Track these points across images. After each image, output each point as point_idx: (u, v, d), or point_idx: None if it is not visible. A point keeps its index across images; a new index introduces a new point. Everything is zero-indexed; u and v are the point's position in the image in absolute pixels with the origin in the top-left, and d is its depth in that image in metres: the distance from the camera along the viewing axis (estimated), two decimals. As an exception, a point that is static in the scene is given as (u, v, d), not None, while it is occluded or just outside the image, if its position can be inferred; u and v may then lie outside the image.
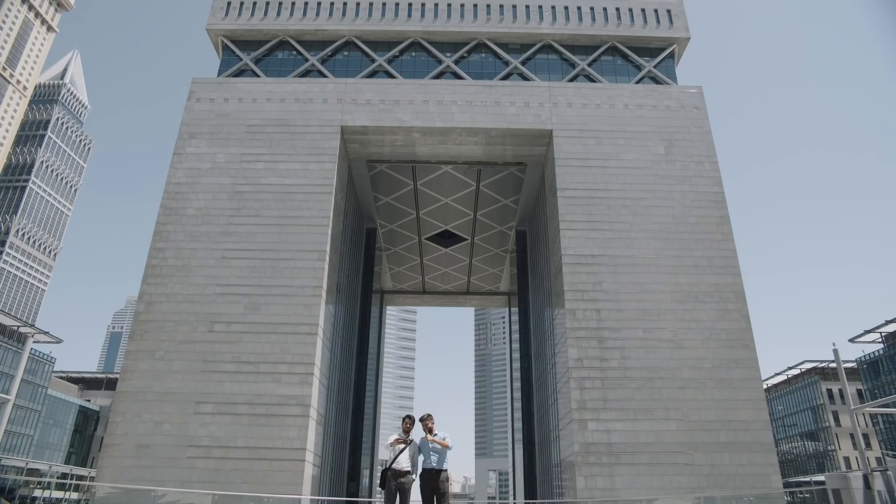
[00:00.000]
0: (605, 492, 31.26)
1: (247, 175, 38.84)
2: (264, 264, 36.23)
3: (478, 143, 42.31)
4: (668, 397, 33.58)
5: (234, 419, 32.44)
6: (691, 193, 39.03)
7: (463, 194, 50.38)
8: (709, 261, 37.10)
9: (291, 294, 35.48)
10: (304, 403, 32.98)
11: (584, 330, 35.17)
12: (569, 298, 35.94)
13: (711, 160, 40.22)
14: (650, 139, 40.70)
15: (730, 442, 32.63)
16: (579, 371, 34.22)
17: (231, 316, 34.87)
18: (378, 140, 42.28)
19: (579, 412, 33.29)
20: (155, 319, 34.86)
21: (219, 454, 31.62)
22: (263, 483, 30.34)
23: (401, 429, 10.79)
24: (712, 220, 38.34)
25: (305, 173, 38.90)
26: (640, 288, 36.22)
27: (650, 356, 34.53)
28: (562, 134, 40.76)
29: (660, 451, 32.37)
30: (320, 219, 37.65)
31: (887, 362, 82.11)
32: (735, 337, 35.19)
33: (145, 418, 32.38)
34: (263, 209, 37.81)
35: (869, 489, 12.15)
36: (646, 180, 39.30)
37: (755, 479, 31.53)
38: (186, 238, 36.96)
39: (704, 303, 35.96)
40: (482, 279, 67.61)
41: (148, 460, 31.29)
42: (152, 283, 35.80)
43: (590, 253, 37.17)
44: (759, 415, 33.71)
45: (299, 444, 32.06)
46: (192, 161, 39.33)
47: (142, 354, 34.06)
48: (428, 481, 10.29)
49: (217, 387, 33.14)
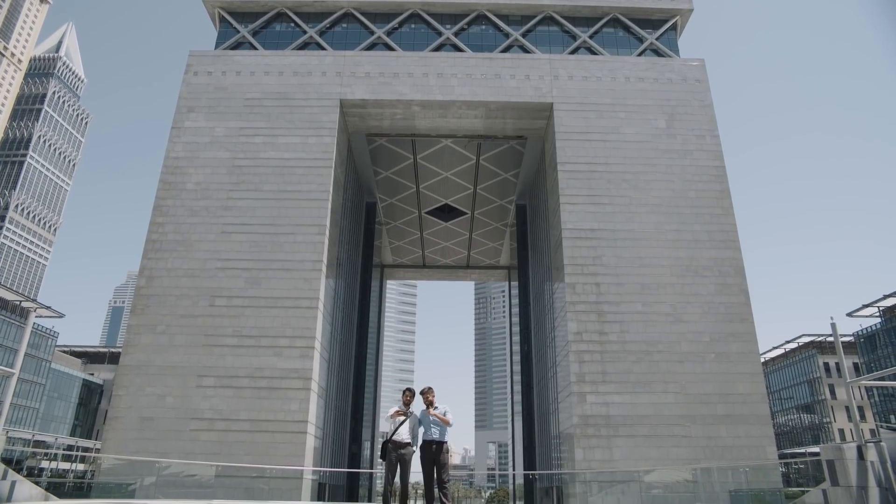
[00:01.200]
0: (604, 463, 31.70)
1: (245, 149, 38.65)
2: (264, 238, 36.24)
3: (478, 116, 42.02)
4: (667, 370, 33.86)
5: (235, 392, 32.77)
6: (692, 167, 38.87)
7: (463, 168, 50.18)
8: (709, 235, 37.11)
9: (291, 268, 35.56)
10: (305, 377, 33.29)
11: (584, 304, 35.33)
12: (568, 272, 36.03)
13: (713, 134, 39.98)
14: (651, 112, 40.41)
15: (727, 414, 32.99)
16: (578, 344, 34.45)
17: (232, 290, 35.01)
18: (377, 113, 41.97)
19: (578, 385, 33.59)
20: (156, 294, 35.00)
21: (221, 427, 32.00)
22: (266, 455, 30.74)
23: (401, 401, 10.90)
24: (713, 195, 38.24)
25: (304, 147, 38.71)
26: (640, 262, 36.29)
27: (649, 330, 34.74)
28: (562, 107, 40.45)
29: (658, 423, 32.74)
30: (320, 193, 37.56)
31: (884, 336, 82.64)
32: (734, 311, 35.36)
33: (148, 392, 32.71)
34: (263, 183, 37.70)
35: (862, 460, 12.30)
36: (646, 154, 39.12)
37: (751, 451, 31.96)
38: (186, 213, 36.93)
39: (704, 277, 36.05)
40: (482, 253, 67.68)
41: (151, 433, 31.68)
42: (153, 258, 35.87)
43: (590, 227, 37.15)
44: (757, 388, 34.03)
45: (301, 416, 32.42)
46: (191, 135, 39.11)
47: (143, 329, 34.28)
48: (428, 453, 10.43)
49: (219, 360, 33.41)
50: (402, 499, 10.94)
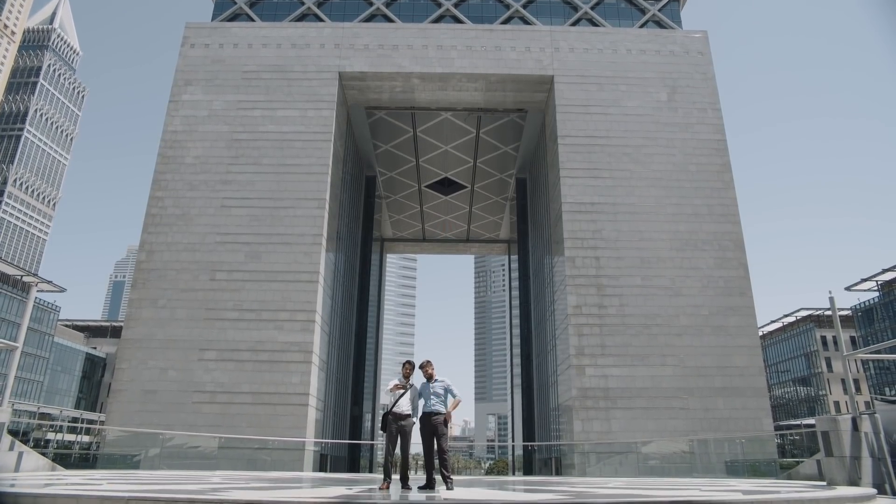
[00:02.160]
0: (602, 434, 32.13)
1: (244, 122, 38.42)
2: (264, 212, 36.22)
3: (478, 89, 41.66)
4: (665, 343, 34.13)
5: (237, 365, 33.06)
6: (693, 141, 38.68)
7: (463, 141, 49.93)
8: (709, 209, 37.08)
9: (291, 242, 35.61)
10: (306, 350, 33.55)
11: (583, 277, 35.45)
12: (568, 246, 36.08)
13: (714, 107, 39.69)
14: (653, 85, 40.07)
15: (724, 387, 33.33)
16: (578, 318, 34.66)
17: (232, 264, 35.09)
18: (377, 86, 41.60)
19: (577, 358, 33.89)
20: (156, 268, 35.10)
21: (223, 399, 32.36)
22: (268, 426, 31.13)
23: (401, 374, 11.01)
24: (713, 168, 38.12)
25: (303, 120, 38.47)
26: (640, 236, 36.33)
27: (648, 303, 34.92)
28: (563, 80, 40.09)
29: (656, 395, 33.10)
30: (319, 166, 37.43)
31: (881, 310, 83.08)
32: (733, 285, 35.50)
33: (151, 365, 33.01)
34: (262, 157, 37.55)
35: (857, 431, 12.47)
36: (647, 127, 38.89)
37: (748, 423, 32.37)
38: (185, 187, 36.84)
39: (703, 251, 36.12)
40: (482, 227, 67.66)
41: (155, 405, 32.03)
42: (153, 233, 35.89)
43: (590, 201, 37.10)
44: (754, 361, 34.34)
45: (302, 389, 32.76)
46: (189, 109, 38.83)
47: (145, 303, 34.45)
48: (428, 425, 10.56)
49: (220, 334, 33.64)
50: (402, 469, 11.12)
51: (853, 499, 9.43)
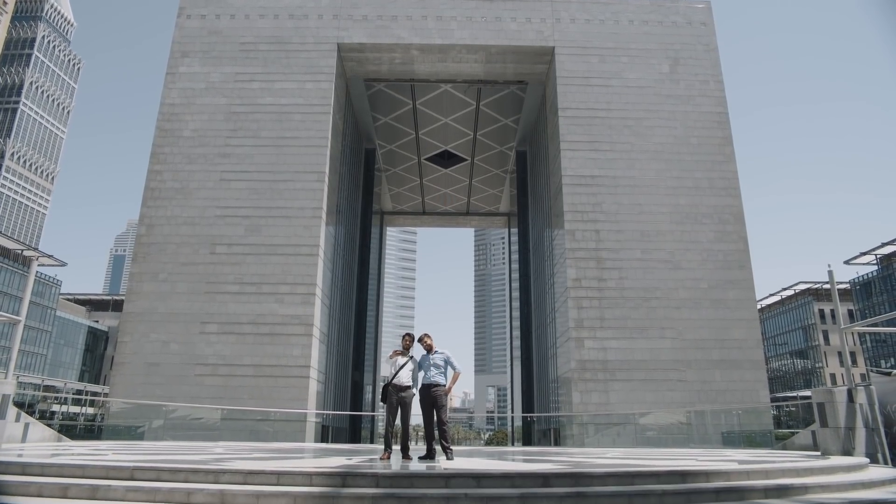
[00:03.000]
0: (600, 406, 32.50)
1: (242, 95, 38.09)
2: (263, 186, 36.12)
3: (478, 60, 41.20)
4: (664, 316, 34.32)
5: (238, 338, 33.29)
6: (694, 113, 38.39)
7: (462, 114, 49.55)
8: (709, 182, 36.97)
9: (291, 215, 35.58)
10: (307, 322, 33.75)
11: (583, 250, 35.50)
12: (568, 219, 36.06)
13: (717, 79, 39.31)
14: (655, 57, 39.62)
15: (722, 359, 33.61)
16: (577, 291, 34.80)
17: (232, 238, 35.12)
18: (375, 58, 41.14)
19: (577, 330, 34.11)
20: (156, 242, 35.13)
21: (225, 371, 32.66)
22: (270, 398, 31.47)
23: (401, 346, 11.12)
24: (715, 141, 37.90)
25: (302, 93, 38.13)
26: (640, 209, 36.28)
27: (648, 276, 35.02)
28: (564, 51, 39.63)
29: (654, 367, 33.39)
30: (318, 139, 37.21)
31: (880, 283, 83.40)
32: (732, 258, 35.57)
33: (153, 338, 33.24)
34: (260, 130, 37.31)
35: (851, 402, 12.64)
36: (648, 100, 38.56)
37: (744, 395, 32.71)
38: (184, 160, 36.68)
39: (703, 224, 36.11)
40: (482, 200, 67.48)
41: (157, 378, 32.34)
42: (152, 206, 35.84)
43: (590, 174, 36.98)
44: (752, 334, 34.56)
45: (303, 361, 33.04)
46: (186, 81, 38.46)
47: (145, 276, 34.55)
48: (427, 396, 10.68)
49: (221, 307, 33.81)
50: (402, 440, 11.28)
51: (846, 468, 9.60)
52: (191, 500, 6.62)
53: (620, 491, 7.11)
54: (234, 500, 6.57)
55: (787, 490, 7.63)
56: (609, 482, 7.40)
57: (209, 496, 6.64)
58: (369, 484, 6.99)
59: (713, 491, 7.33)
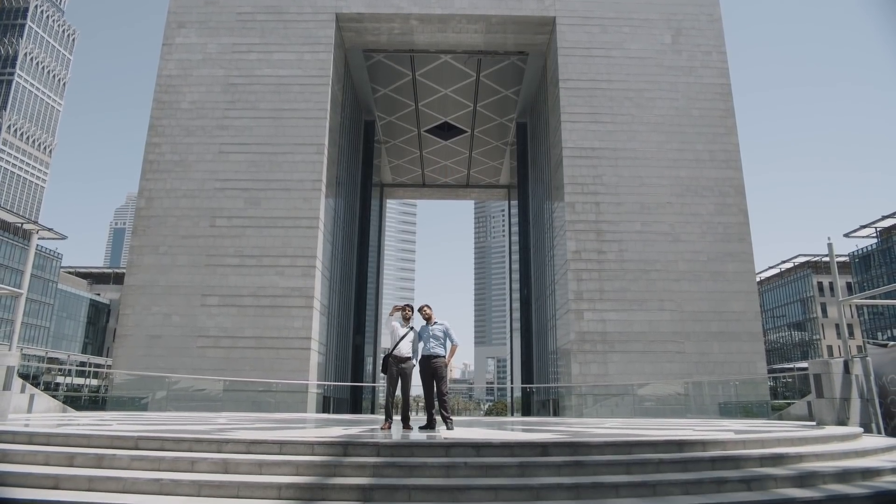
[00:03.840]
0: (599, 377, 32.81)
1: (240, 66, 37.67)
2: (262, 158, 35.95)
3: (478, 31, 40.65)
4: (663, 289, 34.44)
5: (239, 311, 33.47)
6: (696, 85, 38.00)
7: (462, 85, 49.08)
8: (710, 154, 36.77)
9: (291, 188, 35.48)
10: (308, 295, 33.90)
11: (583, 223, 35.47)
12: (568, 192, 35.96)
13: (720, 50, 38.82)
14: (657, 27, 39.07)
15: (720, 331, 33.82)
16: (577, 263, 34.86)
17: (231, 210, 35.07)
18: (374, 28, 40.58)
19: (576, 303, 34.26)
20: (156, 215, 35.09)
21: (227, 343, 32.90)
22: (271, 370, 31.76)
23: (400, 317, 11.17)
24: (717, 113, 37.60)
25: (300, 64, 37.71)
26: (640, 181, 36.15)
27: (647, 249, 35.06)
28: (565, 21, 39.07)
29: (653, 339, 33.62)
30: (317, 111, 36.91)
31: (879, 256, 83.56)
32: (732, 231, 35.55)
33: (154, 311, 33.41)
34: (259, 102, 36.99)
35: (848, 374, 12.76)
36: (650, 71, 38.14)
37: (742, 366, 32.99)
38: (182, 133, 36.44)
39: (704, 196, 36.02)
40: (482, 172, 67.21)
41: (160, 350, 32.60)
42: (151, 179, 35.71)
43: (590, 146, 36.76)
44: (751, 306, 34.72)
45: (304, 333, 33.26)
46: (183, 52, 38.00)
47: (146, 250, 34.60)
48: (427, 367, 10.77)
49: (222, 280, 33.92)
50: (403, 410, 11.42)
51: (841, 437, 9.74)
52: (195, 468, 6.73)
53: (618, 460, 7.23)
54: (238, 469, 6.68)
55: (781, 459, 7.75)
56: (607, 451, 7.51)
57: (213, 465, 6.75)
58: (370, 453, 7.10)
59: (709, 460, 7.45)
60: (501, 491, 6.21)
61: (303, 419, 18.40)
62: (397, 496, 6.08)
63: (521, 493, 6.21)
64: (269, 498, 5.99)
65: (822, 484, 7.05)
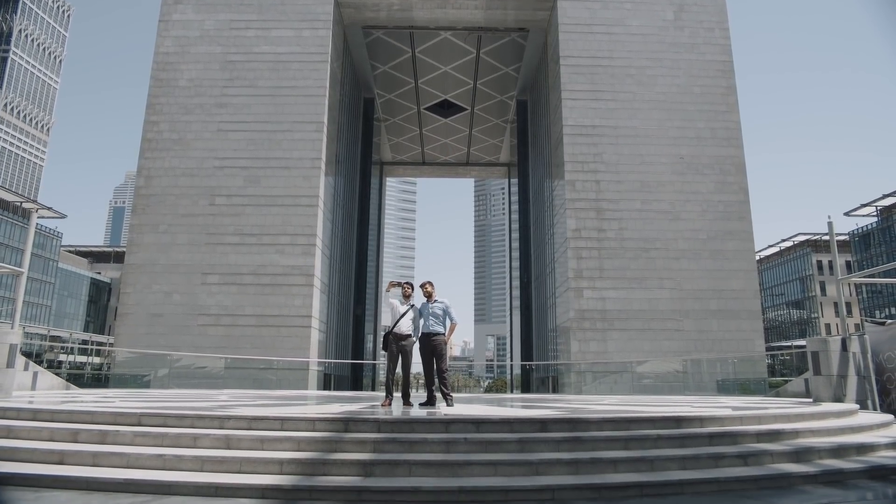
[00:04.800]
0: (598, 354, 33.00)
1: (238, 43, 37.30)
2: (261, 136, 35.77)
3: (478, 7, 40.16)
4: (663, 267, 34.49)
5: (240, 289, 33.56)
6: (698, 62, 37.66)
7: (462, 62, 48.63)
8: (711, 132, 36.58)
9: (290, 166, 35.35)
10: (308, 273, 33.97)
11: (583, 201, 35.41)
12: (568, 170, 35.84)
13: (722, 27, 38.41)
14: (659, 3, 38.60)
15: (719, 310, 33.95)
16: (577, 241, 34.87)
17: (231, 189, 34.99)
18: (373, 4, 40.09)
19: (576, 281, 34.34)
20: (155, 194, 35.01)
21: (228, 322, 33.04)
22: (272, 348, 31.94)
23: (401, 294, 11.19)
24: (718, 91, 37.31)
25: (299, 41, 37.34)
26: (641, 159, 36.02)
27: (647, 227, 35.05)
28: (567, -4, 38.58)
29: (652, 317, 33.76)
30: (316, 89, 36.64)
31: (878, 235, 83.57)
32: (732, 209, 35.50)
33: (155, 289, 33.50)
34: (257, 79, 36.70)
35: (845, 351, 12.84)
36: (652, 48, 37.78)
37: (740, 344, 33.18)
38: (180, 111, 36.21)
39: (704, 175, 35.91)
40: (482, 150, 66.92)
41: (161, 328, 32.75)
42: (150, 158, 35.57)
43: (591, 123, 36.54)
44: (750, 284, 34.80)
45: (304, 311, 33.39)
46: (180, 29, 37.60)
47: (146, 228, 34.58)
48: (427, 344, 10.82)
49: (222, 258, 33.96)
50: (403, 387, 11.50)
51: (837, 413, 9.84)
52: (197, 444, 6.81)
53: (616, 436, 7.31)
54: (240, 445, 6.76)
55: (778, 435, 7.84)
56: (605, 427, 7.59)
57: (215, 441, 6.83)
58: (371, 429, 7.18)
59: (707, 436, 7.53)
60: (501, 466, 6.30)
61: (304, 396, 18.56)
62: (398, 471, 6.16)
63: (520, 469, 6.30)
64: (270, 473, 6.07)
65: (817, 459, 7.15)
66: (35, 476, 5.88)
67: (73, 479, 5.84)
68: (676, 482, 6.06)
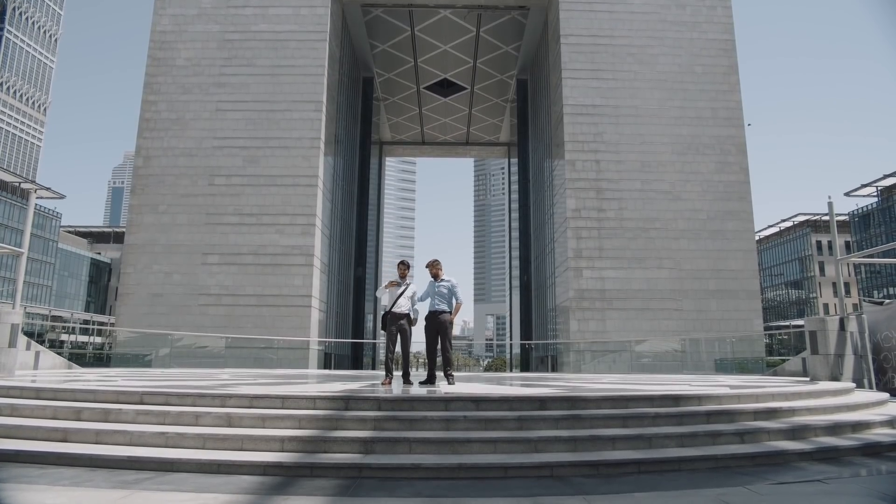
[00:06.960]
0: (597, 334, 33.18)
1: (236, 22, 36.92)
2: (260, 116, 35.56)
3: (478, -17, 39.69)
4: (662, 247, 34.53)
5: (240, 269, 33.62)
6: (700, 41, 37.32)
7: (462, 41, 48.15)
8: (712, 112, 36.37)
9: (289, 146, 35.21)
10: (308, 253, 34.00)
11: (583, 181, 35.33)
12: (569, 149, 35.71)
13: (725, 5, 38.00)
14: (661, -21, 38.15)
15: (718, 289, 34.06)
16: (577, 221, 34.86)
17: (230, 169, 34.88)
18: (372, -19, 39.63)
19: (575, 260, 34.39)
20: (154, 174, 34.91)
21: (228, 301, 33.16)
22: (273, 327, 32.08)
23: (398, 274, 11.20)
24: (720, 70, 37.03)
25: (297, 19, 36.94)
26: (641, 139, 35.86)
27: (647, 207, 35.01)
28: (568, -27, 38.12)
29: (651, 297, 33.88)
30: (315, 68, 36.35)
31: (878, 215, 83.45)
32: (732, 189, 35.44)
33: (155, 269, 33.56)
34: (256, 58, 36.38)
35: (843, 331, 12.89)
36: (653, 26, 37.40)
37: (739, 324, 33.34)
38: (178, 90, 35.95)
39: (705, 155, 35.78)
40: (482, 129, 66.56)
41: (162, 308, 32.86)
42: (148, 138, 35.40)
43: (591, 103, 36.32)
44: (749, 264, 34.87)
45: (305, 291, 33.49)
46: (177, 7, 37.18)
47: (145, 209, 34.53)
48: (433, 322, 10.85)
49: (222, 238, 33.97)
50: (403, 366, 11.56)
51: (833, 392, 9.90)
52: (199, 422, 6.87)
53: (615, 414, 7.36)
54: (241, 423, 6.81)
55: (775, 413, 7.90)
56: (604, 405, 7.65)
57: (216, 419, 6.89)
58: (371, 407, 7.23)
59: (704, 414, 7.59)
60: (500, 443, 6.35)
61: (304, 375, 18.66)
62: (398, 448, 6.22)
63: (519, 446, 6.36)
64: (272, 450, 6.13)
65: (813, 437, 7.21)
66: (40, 453, 5.94)
67: (77, 455, 5.90)
68: (674, 459, 6.12)
